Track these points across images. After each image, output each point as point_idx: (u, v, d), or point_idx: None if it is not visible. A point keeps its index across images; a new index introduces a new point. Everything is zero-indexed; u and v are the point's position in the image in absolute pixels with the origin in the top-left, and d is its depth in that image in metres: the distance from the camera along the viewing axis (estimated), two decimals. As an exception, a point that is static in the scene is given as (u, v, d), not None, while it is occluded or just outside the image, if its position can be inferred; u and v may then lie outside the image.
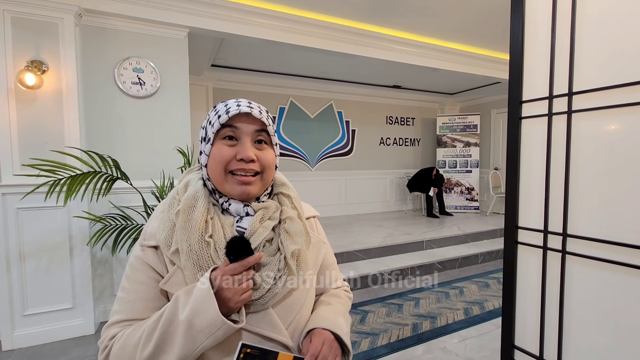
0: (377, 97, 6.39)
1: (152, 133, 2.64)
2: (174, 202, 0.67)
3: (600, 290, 0.94)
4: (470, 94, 6.54)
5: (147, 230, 0.67)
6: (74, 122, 2.26)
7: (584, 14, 0.97)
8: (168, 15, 2.63)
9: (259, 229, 0.65)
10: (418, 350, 2.18)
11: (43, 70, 2.17)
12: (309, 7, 3.04)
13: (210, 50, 3.80)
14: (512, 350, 1.13)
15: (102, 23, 2.48)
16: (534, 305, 1.07)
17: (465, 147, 6.35)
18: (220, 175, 0.64)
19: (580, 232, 0.97)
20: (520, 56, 1.09)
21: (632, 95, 0.88)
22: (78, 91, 2.28)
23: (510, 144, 1.14)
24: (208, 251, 0.60)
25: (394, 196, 6.74)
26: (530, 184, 1.09)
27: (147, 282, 0.63)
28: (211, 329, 0.54)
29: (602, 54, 0.94)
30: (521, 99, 1.11)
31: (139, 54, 2.58)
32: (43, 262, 2.23)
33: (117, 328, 0.62)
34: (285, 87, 5.53)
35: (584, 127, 0.97)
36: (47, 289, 2.25)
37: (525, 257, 1.11)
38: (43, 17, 2.17)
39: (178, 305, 0.56)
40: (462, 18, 3.31)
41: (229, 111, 0.63)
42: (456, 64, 4.15)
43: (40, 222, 2.21)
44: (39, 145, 2.18)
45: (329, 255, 0.81)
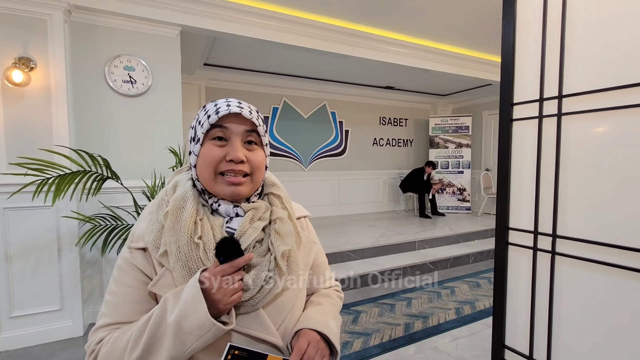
0: (370, 98, 6.41)
1: (144, 132, 2.61)
2: (162, 203, 0.66)
3: (589, 290, 0.95)
4: (462, 96, 6.60)
5: (135, 232, 0.65)
6: (62, 120, 2.22)
7: (574, 18, 0.98)
8: (160, 13, 2.60)
9: (248, 229, 0.64)
10: (410, 350, 2.19)
11: (31, 68, 2.12)
12: (303, 7, 3.03)
13: (203, 49, 3.77)
14: (502, 350, 1.15)
15: (93, 20, 2.44)
16: (524, 306, 1.09)
17: (457, 148, 6.41)
18: (209, 176, 0.64)
19: (570, 233, 0.99)
20: (512, 59, 1.10)
21: (622, 99, 0.89)
22: (67, 89, 2.24)
23: (501, 145, 1.15)
24: (197, 253, 0.60)
25: (387, 196, 6.77)
26: (521, 186, 1.10)
27: (135, 285, 0.62)
28: (200, 331, 0.54)
29: (592, 57, 0.95)
30: (512, 101, 1.12)
31: (130, 52, 2.55)
32: (30, 262, 2.18)
33: (104, 332, 0.61)
34: (279, 87, 5.51)
35: (574, 130, 0.99)
36: (35, 291, 2.20)
37: (516, 258, 1.12)
38: (31, 13, 2.13)
39: (167, 307, 0.56)
40: (454, 20, 3.34)
41: (219, 111, 0.63)
42: (448, 66, 4.18)
43: (27, 222, 2.16)
44: (26, 144, 2.14)
45: (320, 255, 0.81)
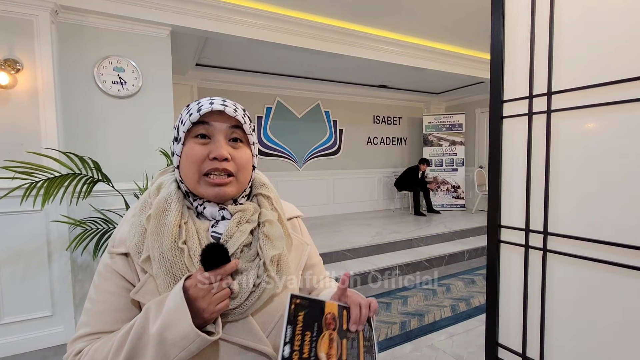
0: (364, 97, 6.41)
1: (135, 134, 2.58)
2: (145, 206, 0.63)
3: (581, 287, 0.95)
4: (455, 94, 6.63)
5: (116, 236, 0.63)
6: (51, 123, 2.18)
7: (562, 15, 0.98)
8: (149, 13, 2.57)
9: (235, 233, 0.62)
10: (406, 348, 2.19)
11: (17, 69, 2.08)
12: (295, 6, 3.01)
13: (195, 49, 3.73)
14: (496, 348, 1.15)
15: (80, 20, 2.40)
16: (517, 304, 1.09)
17: (450, 146, 6.44)
18: (193, 176, 0.61)
19: (561, 230, 0.99)
20: (501, 56, 1.10)
21: (610, 95, 0.89)
22: (55, 91, 2.20)
23: (492, 143, 1.15)
24: (182, 258, 0.57)
25: (381, 195, 6.78)
26: (512, 183, 1.11)
27: (116, 292, 0.60)
28: (184, 342, 0.51)
29: (581, 54, 0.95)
30: (502, 98, 1.12)
31: (119, 53, 2.51)
32: (20, 268, 2.15)
33: (83, 342, 0.58)
34: (272, 87, 5.49)
35: (563, 127, 0.99)
36: (25, 297, 2.16)
37: (508, 256, 1.12)
38: (17, 13, 2.09)
39: (149, 317, 0.53)
40: (446, 18, 3.35)
41: (201, 109, 0.60)
42: (441, 64, 4.19)
43: (16, 227, 2.12)
44: (14, 147, 2.10)
45: (314, 256, 0.79)
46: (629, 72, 0.85)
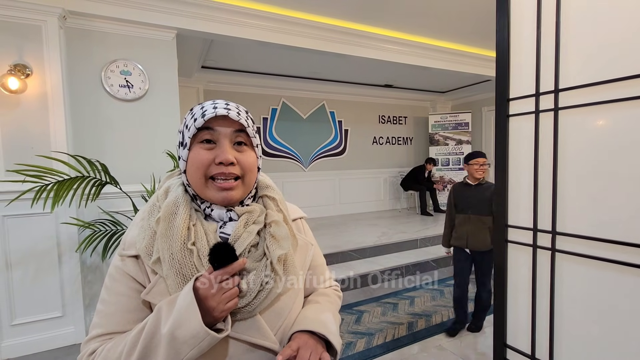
0: (369, 97, 6.39)
1: (142, 136, 2.61)
2: (154, 209, 0.65)
3: (591, 287, 0.94)
4: (461, 92, 6.58)
5: (126, 239, 0.64)
6: (60, 127, 2.22)
7: (568, 11, 0.97)
8: (155, 17, 2.60)
9: (243, 234, 0.63)
10: (414, 349, 2.18)
11: (27, 74, 2.12)
12: (299, 7, 3.02)
13: (200, 52, 3.76)
14: (504, 349, 1.13)
15: (88, 25, 2.44)
16: (525, 304, 1.07)
17: (457, 145, 6.38)
18: (200, 181, 0.62)
19: (570, 230, 0.97)
20: (507, 53, 1.09)
21: (618, 92, 0.88)
22: (64, 95, 2.24)
23: (498, 142, 1.13)
24: (191, 259, 0.59)
25: (387, 195, 6.75)
26: (520, 182, 1.09)
27: (127, 294, 0.61)
28: (195, 340, 0.53)
29: (588, 50, 0.94)
30: (508, 96, 1.10)
31: (126, 57, 2.54)
32: (30, 270, 2.18)
33: (96, 342, 0.60)
34: (277, 88, 5.51)
35: (571, 124, 0.97)
36: (36, 298, 2.20)
37: (516, 256, 1.11)
38: (26, 19, 2.13)
39: (160, 317, 0.55)
40: (451, 16, 3.32)
41: (205, 114, 0.61)
42: (447, 63, 4.16)
43: (27, 229, 2.16)
44: (24, 151, 2.14)
45: (318, 257, 0.80)
46: (638, 68, 0.83)
